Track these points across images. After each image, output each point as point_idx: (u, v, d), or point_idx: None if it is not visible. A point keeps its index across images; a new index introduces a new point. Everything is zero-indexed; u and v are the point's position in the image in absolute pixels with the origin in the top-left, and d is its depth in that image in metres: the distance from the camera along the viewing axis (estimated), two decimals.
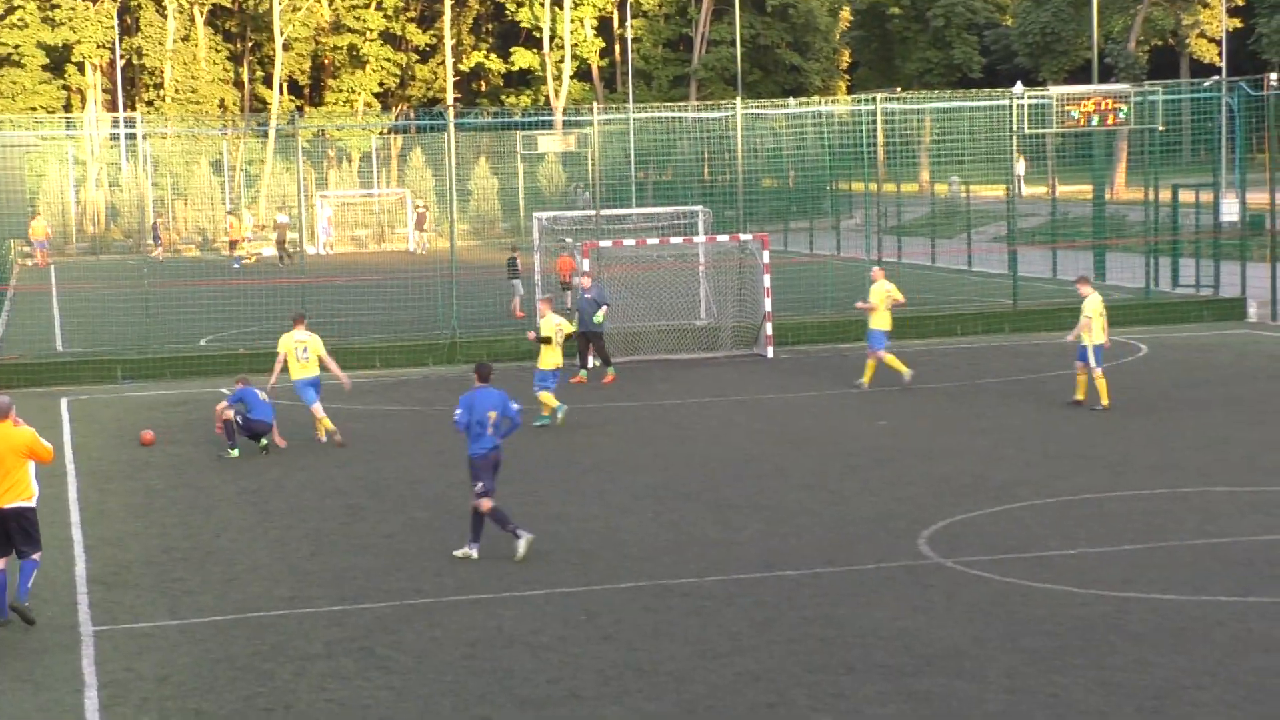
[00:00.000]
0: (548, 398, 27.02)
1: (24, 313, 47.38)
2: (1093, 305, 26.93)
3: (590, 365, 31.90)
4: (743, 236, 36.26)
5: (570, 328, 27.22)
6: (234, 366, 34.33)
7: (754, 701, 13.26)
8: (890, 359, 29.54)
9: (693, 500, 20.87)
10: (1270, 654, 14.00)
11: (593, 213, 39.35)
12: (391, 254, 67.83)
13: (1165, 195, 42.94)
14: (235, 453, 24.77)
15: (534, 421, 27.11)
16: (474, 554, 18.04)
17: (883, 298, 29.82)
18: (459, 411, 18.24)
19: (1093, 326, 26.76)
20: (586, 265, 34.38)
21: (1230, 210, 43.39)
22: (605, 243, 35.60)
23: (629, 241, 36.20)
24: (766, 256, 34.82)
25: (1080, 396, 27.17)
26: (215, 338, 39.12)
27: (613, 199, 54.14)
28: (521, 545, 17.85)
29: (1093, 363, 26.73)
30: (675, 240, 37.15)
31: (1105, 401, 26.62)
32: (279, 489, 22.45)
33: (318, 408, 25.81)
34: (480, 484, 18.00)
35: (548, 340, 27.21)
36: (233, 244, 66.85)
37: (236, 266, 61.49)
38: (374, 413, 29.12)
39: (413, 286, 42.86)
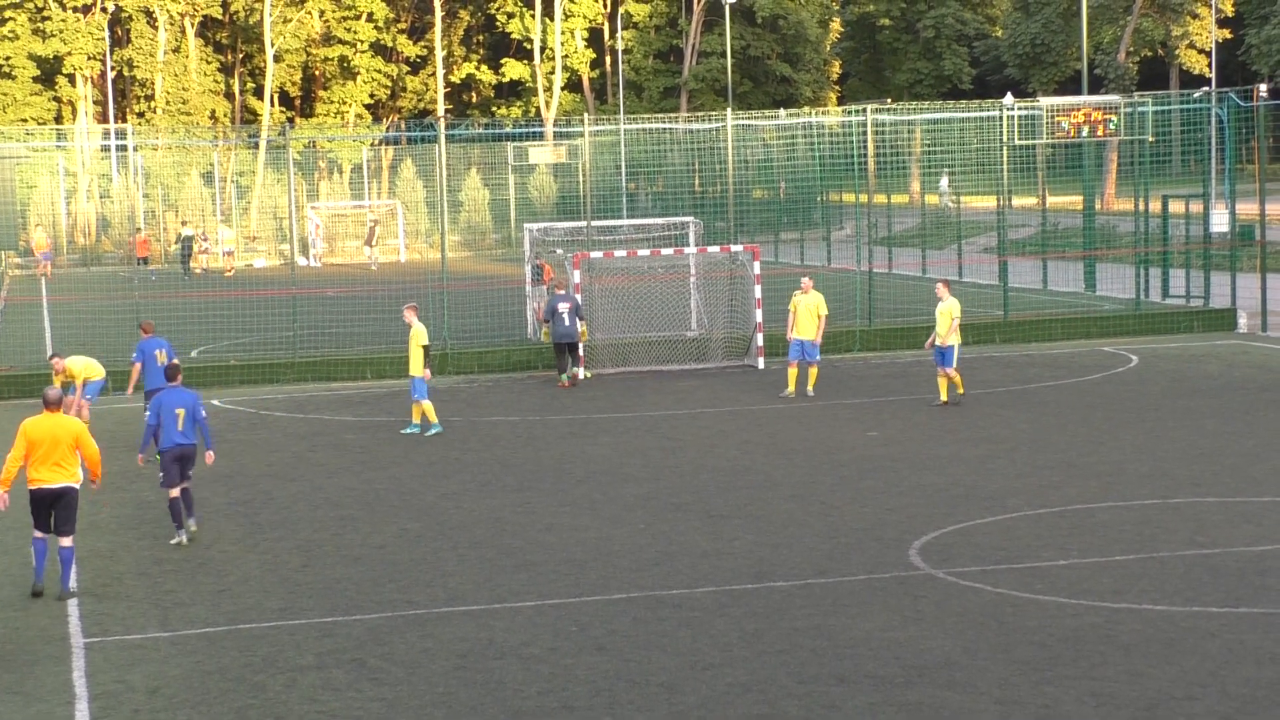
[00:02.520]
0: (429, 406, 27.51)
1: (15, 324, 47.33)
2: (957, 308, 28.56)
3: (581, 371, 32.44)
4: (733, 247, 36.30)
5: (424, 339, 27.60)
6: (225, 378, 34.37)
7: (745, 713, 13.26)
8: None
9: (684, 511, 20.87)
10: (1262, 665, 14.02)
11: (583, 224, 39.37)
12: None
13: (1155, 206, 43.02)
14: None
15: (428, 432, 27.48)
16: (184, 539, 19.79)
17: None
18: (148, 413, 20.06)
19: (953, 328, 28.46)
20: (577, 277, 34.40)
21: (1220, 221, 43.48)
22: (596, 254, 35.62)
23: (620, 253, 36.24)
24: (757, 268, 34.84)
25: (946, 398, 28.66)
26: (206, 349, 39.10)
27: (604, 210, 54.15)
28: (175, 539, 19.70)
29: (955, 363, 28.56)
30: (666, 251, 37.19)
31: (944, 397, 28.66)
32: (270, 500, 22.44)
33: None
34: (163, 476, 19.87)
35: (426, 348, 27.43)
36: (142, 260, 64.88)
37: (135, 281, 59.70)
38: (365, 424, 29.12)
39: (403, 298, 42.78)
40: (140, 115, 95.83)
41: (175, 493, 19.67)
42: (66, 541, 17.67)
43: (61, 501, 17.60)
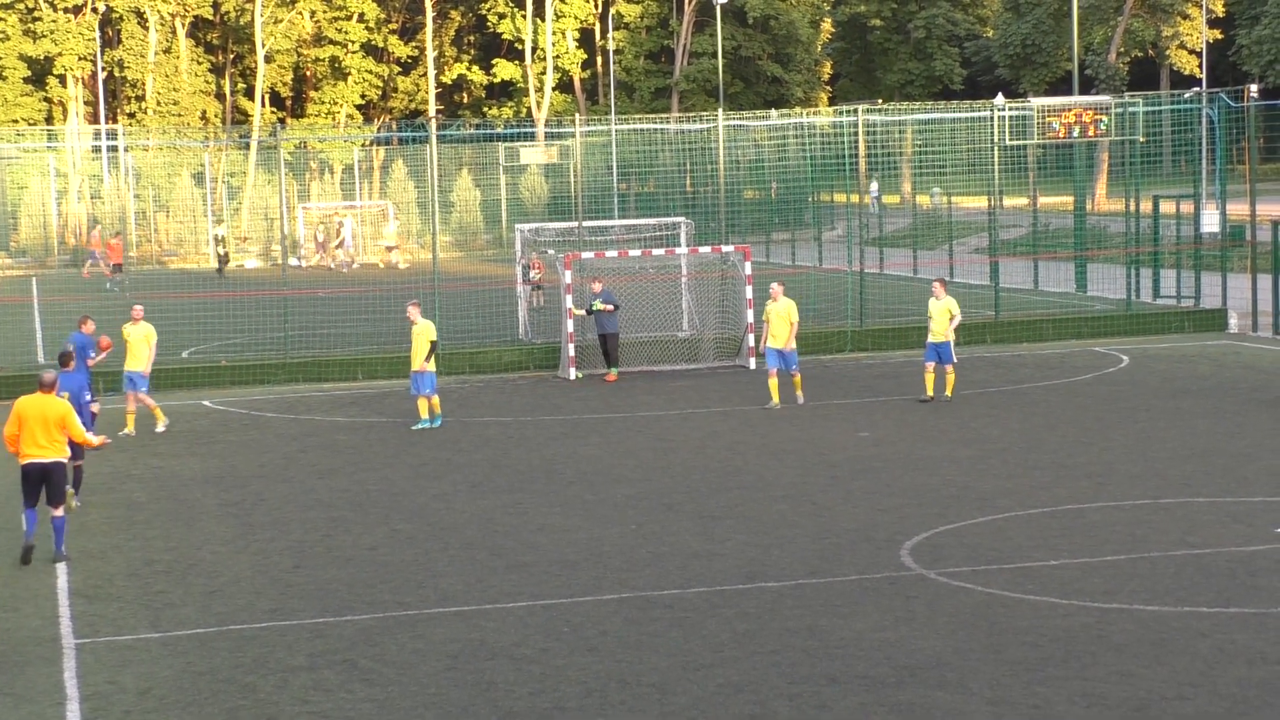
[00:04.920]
0: (436, 401, 28.20)
1: (4, 325, 47.26)
2: (955, 305, 29.26)
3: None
4: (725, 248, 36.31)
5: (434, 334, 28.10)
6: (216, 378, 34.32)
7: (737, 713, 13.25)
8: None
9: (675, 512, 20.87)
10: (1252, 665, 14.03)
11: (575, 224, 39.38)
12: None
13: (1146, 206, 43.06)
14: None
15: (420, 425, 28.02)
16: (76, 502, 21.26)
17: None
18: None
19: (952, 325, 29.24)
20: (568, 277, 34.43)
21: (1211, 221, 43.56)
22: (587, 254, 35.62)
23: (611, 253, 36.24)
24: (749, 268, 34.85)
25: (932, 393, 29.22)
26: (197, 349, 39.06)
27: (595, 211, 54.14)
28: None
29: (954, 358, 29.31)
30: (657, 252, 37.19)
31: (929, 392, 29.25)
32: (261, 501, 22.42)
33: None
34: None
35: (433, 343, 27.95)
36: (117, 266, 61.09)
37: (113, 289, 55.46)
38: (357, 424, 29.09)
39: (394, 299, 42.80)
40: (131, 116, 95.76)
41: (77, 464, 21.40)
42: (58, 512, 19.08)
43: (51, 477, 18.95)
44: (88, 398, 22.07)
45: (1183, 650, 14.47)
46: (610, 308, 33.54)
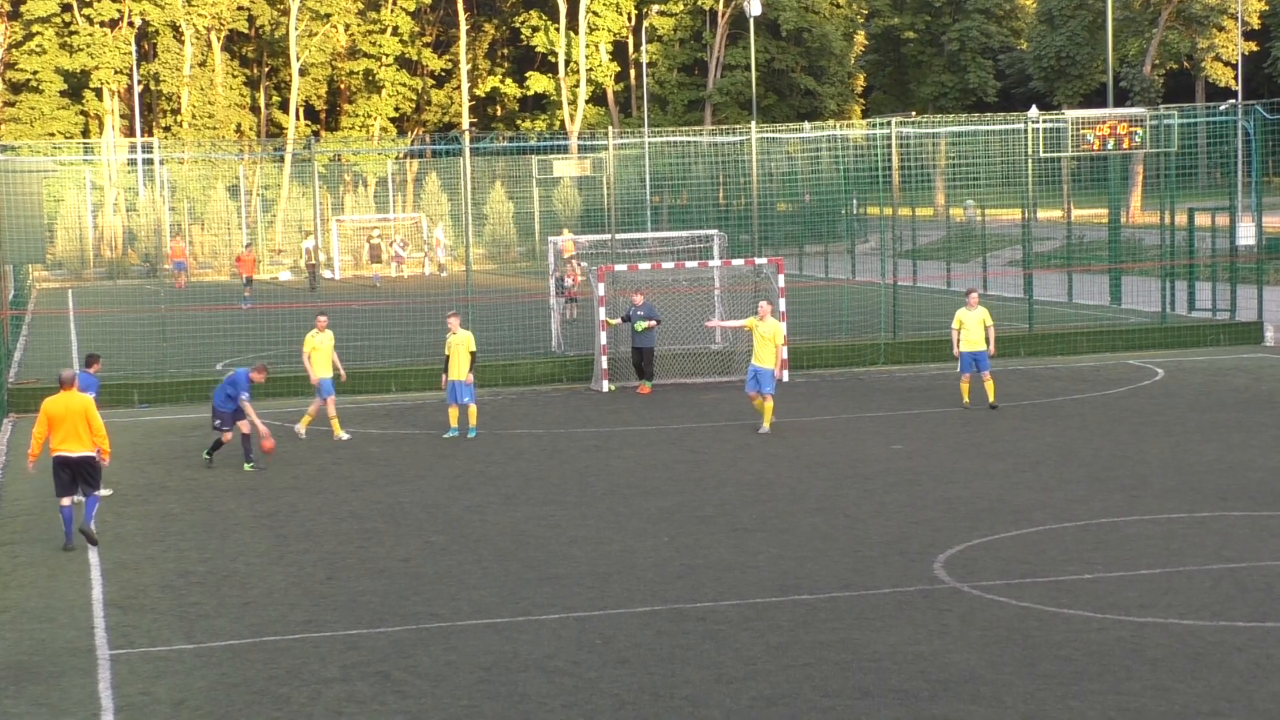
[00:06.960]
0: (474, 412, 28.66)
1: (41, 337, 47.54)
2: (988, 316, 29.86)
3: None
4: (758, 260, 36.28)
5: (473, 345, 28.72)
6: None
7: None
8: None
9: (708, 524, 20.86)
10: None
11: (607, 237, 39.41)
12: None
13: (1181, 219, 42.89)
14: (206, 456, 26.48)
15: (450, 434, 28.55)
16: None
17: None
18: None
19: (990, 337, 29.75)
20: (602, 290, 34.48)
21: (1246, 234, 43.34)
22: (620, 266, 35.65)
23: (644, 265, 36.25)
24: (782, 281, 34.83)
25: (968, 400, 29.96)
26: (231, 362, 39.18)
27: (628, 223, 54.17)
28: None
29: (990, 366, 29.96)
30: (690, 264, 37.19)
31: (966, 399, 30.00)
32: (295, 513, 22.48)
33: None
34: None
35: (473, 353, 28.58)
36: (248, 280, 59.65)
37: (246, 307, 53.94)
38: (390, 437, 29.17)
39: (428, 311, 42.91)
40: (166, 129, 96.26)
41: None
42: (94, 491, 20.30)
43: (83, 469, 20.08)
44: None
45: (1219, 665, 14.39)
46: (653, 323, 33.68)
